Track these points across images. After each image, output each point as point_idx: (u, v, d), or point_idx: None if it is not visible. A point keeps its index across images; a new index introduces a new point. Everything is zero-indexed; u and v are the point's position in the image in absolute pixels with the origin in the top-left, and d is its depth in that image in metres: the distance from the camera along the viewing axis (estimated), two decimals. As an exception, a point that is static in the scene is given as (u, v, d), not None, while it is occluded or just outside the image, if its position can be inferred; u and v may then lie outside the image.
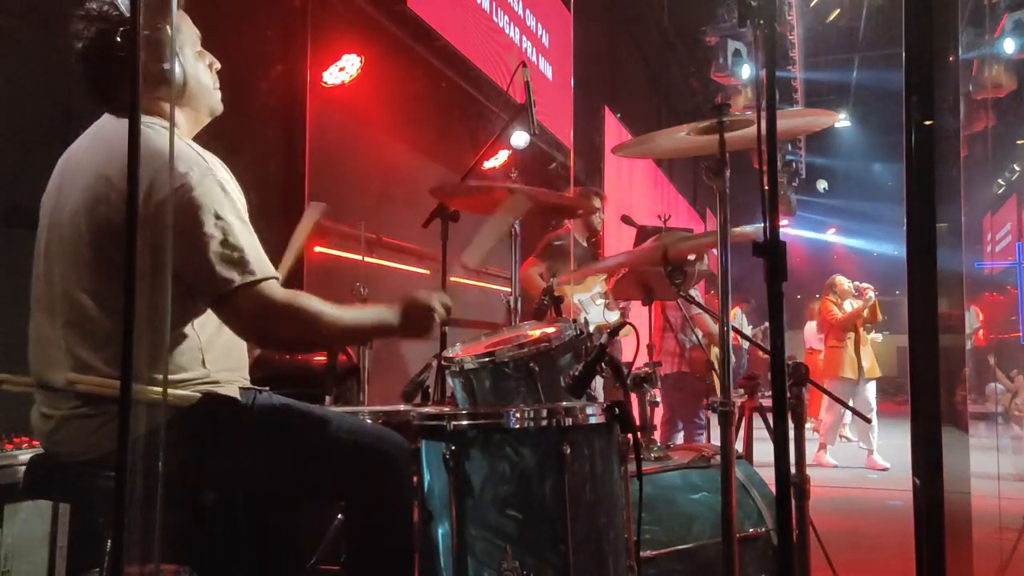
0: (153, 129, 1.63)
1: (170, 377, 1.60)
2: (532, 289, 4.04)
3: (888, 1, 10.57)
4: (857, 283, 7.64)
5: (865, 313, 7.43)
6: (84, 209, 1.62)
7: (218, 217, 1.57)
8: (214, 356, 1.68)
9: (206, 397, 1.63)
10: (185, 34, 1.76)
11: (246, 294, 1.57)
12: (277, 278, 1.63)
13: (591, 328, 1.87)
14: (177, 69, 1.69)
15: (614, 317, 4.46)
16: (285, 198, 4.08)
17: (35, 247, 1.76)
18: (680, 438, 5.28)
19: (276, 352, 2.70)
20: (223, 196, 1.60)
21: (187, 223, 1.55)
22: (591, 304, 4.46)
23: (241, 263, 1.57)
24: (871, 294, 7.47)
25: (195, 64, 1.77)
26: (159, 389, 1.49)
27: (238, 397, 1.68)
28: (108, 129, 1.72)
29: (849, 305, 7.56)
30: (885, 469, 6.87)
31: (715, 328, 4.98)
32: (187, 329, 1.65)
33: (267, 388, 1.79)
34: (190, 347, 1.65)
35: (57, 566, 2.24)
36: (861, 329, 7.45)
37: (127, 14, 1.64)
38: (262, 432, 1.71)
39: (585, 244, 4.72)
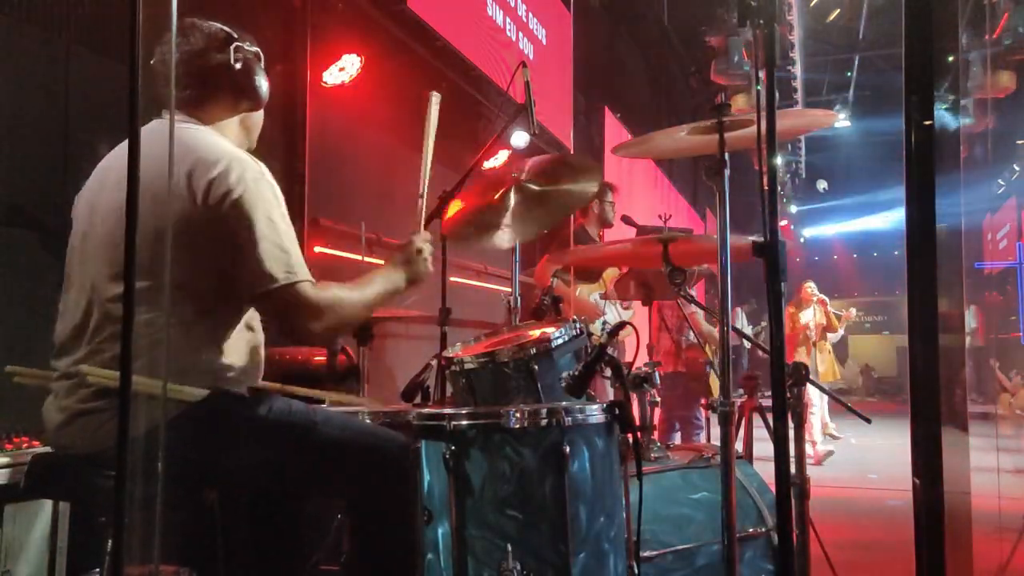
0: (206, 134, 1.74)
1: (187, 375, 1.62)
2: (546, 286, 4.02)
3: (888, 1, 10.57)
4: (817, 294, 8.07)
5: (818, 322, 7.93)
6: (162, 211, 1.64)
7: (270, 218, 1.65)
8: (234, 356, 1.71)
9: (213, 394, 1.64)
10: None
11: (286, 293, 1.64)
12: (312, 281, 1.69)
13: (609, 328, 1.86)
14: (265, 89, 1.90)
15: (627, 316, 4.45)
16: (285, 198, 4.07)
17: (70, 241, 1.79)
18: (678, 438, 5.28)
19: (281, 350, 2.71)
20: (274, 199, 1.70)
21: (240, 221, 1.63)
22: (604, 302, 4.44)
23: (286, 264, 1.64)
24: (815, 307, 7.95)
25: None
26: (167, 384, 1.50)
27: (246, 395, 1.69)
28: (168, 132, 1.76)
29: (810, 313, 7.93)
30: (830, 452, 7.31)
31: (707, 328, 4.97)
32: (215, 331, 1.69)
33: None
34: (213, 347, 1.68)
35: (57, 566, 2.24)
36: (821, 339, 7.94)
37: (234, 35, 1.82)
38: (268, 431, 1.71)
39: (597, 239, 4.70)
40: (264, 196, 1.67)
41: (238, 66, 1.81)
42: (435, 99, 2.19)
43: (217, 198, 1.62)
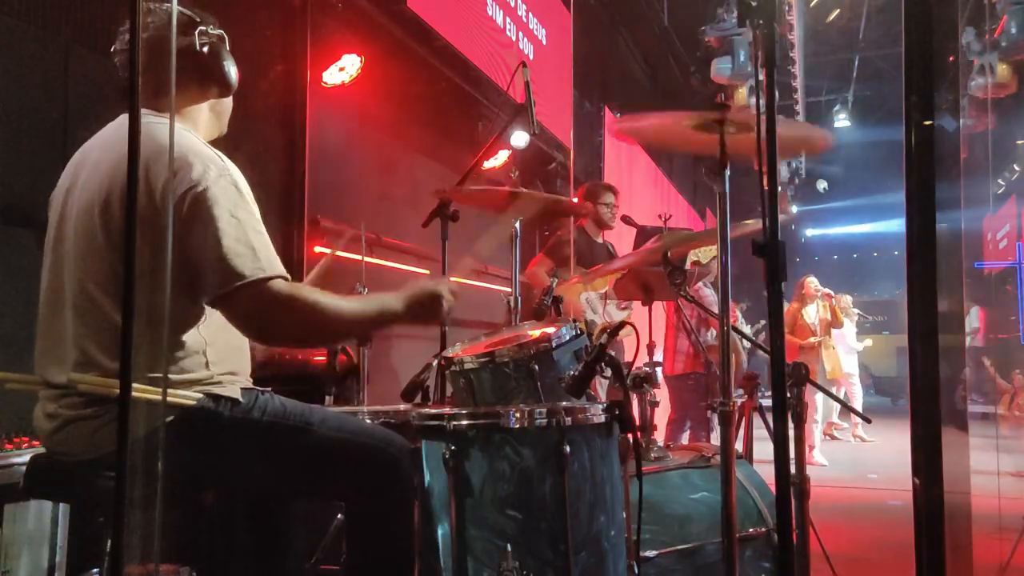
0: (168, 128, 1.65)
1: (173, 378, 1.60)
2: (539, 287, 4.02)
3: (888, 1, 10.57)
4: (821, 288, 7.88)
5: (823, 317, 7.72)
6: (105, 201, 1.62)
7: (232, 215, 1.59)
8: (217, 357, 1.68)
9: (208, 398, 1.63)
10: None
11: (253, 290, 1.58)
12: (285, 277, 1.63)
13: (596, 328, 1.86)
14: (234, 74, 1.81)
15: (623, 316, 4.44)
16: (285, 198, 4.07)
17: (45, 241, 1.76)
18: (685, 438, 5.27)
19: (281, 349, 2.69)
20: (237, 195, 1.62)
21: (201, 219, 1.57)
22: (598, 303, 4.45)
23: (251, 260, 1.58)
24: (819, 302, 7.77)
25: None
26: (160, 389, 1.48)
27: (239, 398, 1.68)
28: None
29: (813, 309, 7.75)
30: (823, 465, 7.09)
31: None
32: (192, 330, 1.65)
33: (269, 389, 1.79)
34: (194, 348, 1.65)
35: (57, 566, 2.24)
36: (826, 335, 7.74)
37: (197, 18, 1.75)
38: (263, 433, 1.71)
39: (600, 240, 4.69)
40: (227, 192, 1.60)
41: (204, 50, 1.75)
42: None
43: (177, 196, 1.56)
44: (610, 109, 8.20)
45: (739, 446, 2.06)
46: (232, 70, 1.81)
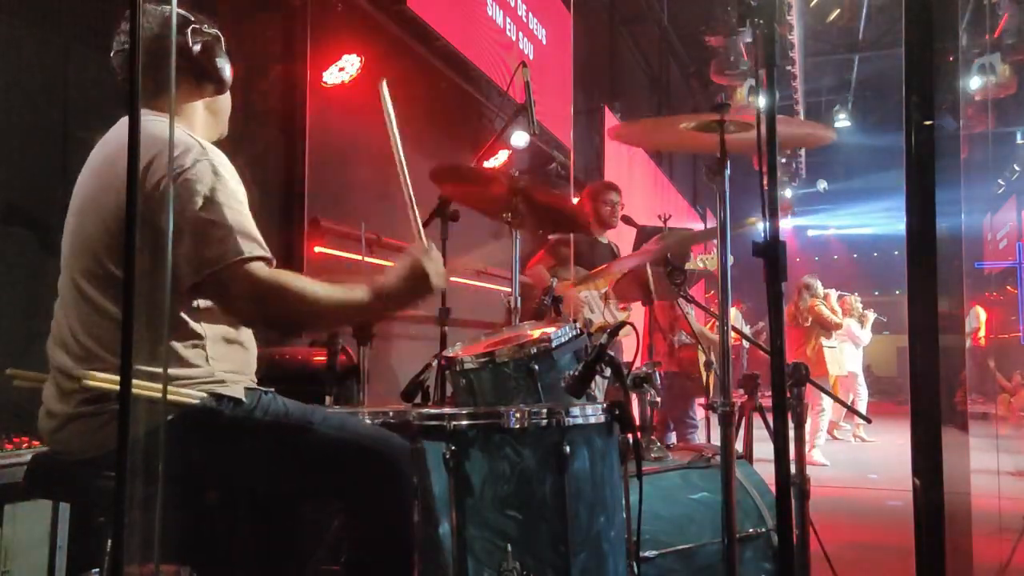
0: (158, 121, 1.66)
1: (174, 375, 1.61)
2: (541, 286, 4.01)
3: (888, 1, 10.57)
4: (832, 291, 8.12)
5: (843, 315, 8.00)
6: (108, 200, 1.63)
7: (208, 199, 1.58)
8: (219, 355, 1.69)
9: (210, 397, 1.63)
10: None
11: (232, 273, 1.57)
12: (268, 259, 1.62)
13: (593, 326, 1.87)
14: (228, 71, 1.81)
15: (622, 316, 4.44)
16: (284, 198, 4.07)
17: (63, 240, 1.77)
18: (673, 437, 5.28)
19: (275, 335, 2.68)
20: (215, 179, 1.60)
21: (179, 204, 1.55)
22: (598, 302, 4.44)
23: (228, 242, 1.57)
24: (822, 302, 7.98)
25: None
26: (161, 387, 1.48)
27: (242, 398, 1.68)
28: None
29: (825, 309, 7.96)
30: (824, 465, 7.05)
31: (698, 327, 4.98)
32: (193, 327, 1.65)
33: (271, 389, 1.79)
34: (195, 345, 1.65)
35: (57, 566, 2.24)
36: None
37: (191, 17, 1.75)
38: (265, 433, 1.71)
39: (604, 240, 4.68)
40: (204, 176, 1.59)
41: (197, 48, 1.74)
42: (384, 88, 2.04)
43: (152, 184, 1.56)
44: (610, 109, 8.20)
45: (739, 446, 2.07)
46: (226, 67, 1.80)
